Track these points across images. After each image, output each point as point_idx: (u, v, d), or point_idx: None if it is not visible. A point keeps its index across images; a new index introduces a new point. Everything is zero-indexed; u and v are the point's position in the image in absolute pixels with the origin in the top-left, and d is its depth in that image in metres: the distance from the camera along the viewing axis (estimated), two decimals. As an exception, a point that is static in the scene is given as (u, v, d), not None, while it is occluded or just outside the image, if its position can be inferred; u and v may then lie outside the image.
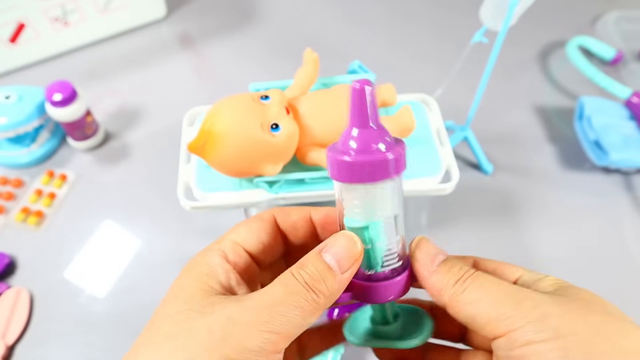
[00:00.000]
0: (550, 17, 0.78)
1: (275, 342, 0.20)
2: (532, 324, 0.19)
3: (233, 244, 0.24)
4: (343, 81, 0.46)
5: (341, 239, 0.22)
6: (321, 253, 0.22)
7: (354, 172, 0.22)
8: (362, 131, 0.22)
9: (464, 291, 0.22)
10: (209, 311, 0.20)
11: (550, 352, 0.19)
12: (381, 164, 0.22)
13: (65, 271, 0.53)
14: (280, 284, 0.21)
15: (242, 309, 0.20)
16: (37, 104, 0.59)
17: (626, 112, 0.61)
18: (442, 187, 0.42)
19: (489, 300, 0.21)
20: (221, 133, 0.37)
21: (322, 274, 0.21)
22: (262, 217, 0.26)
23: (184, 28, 0.79)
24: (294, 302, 0.20)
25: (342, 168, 0.22)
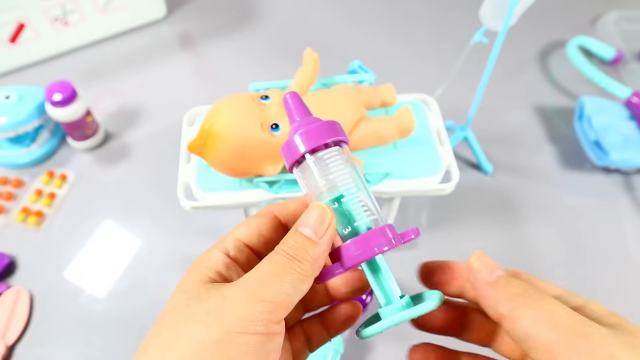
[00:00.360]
0: (550, 17, 0.78)
1: (270, 311, 0.21)
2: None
3: (234, 240, 0.26)
4: (343, 81, 0.46)
5: (312, 211, 0.24)
6: (298, 229, 0.24)
7: (296, 147, 0.26)
8: (294, 123, 0.27)
9: (525, 306, 0.21)
10: (205, 296, 0.22)
11: None
12: (320, 133, 0.26)
13: (65, 271, 0.53)
14: (267, 262, 0.23)
15: (235, 287, 0.22)
16: (37, 104, 0.59)
17: (626, 112, 0.61)
18: (442, 187, 0.42)
19: (552, 323, 0.20)
20: (221, 133, 0.37)
21: (302, 243, 0.23)
22: (261, 213, 0.27)
23: (184, 28, 0.79)
24: (281, 272, 0.22)
25: (289, 148, 0.26)
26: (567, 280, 0.51)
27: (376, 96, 0.45)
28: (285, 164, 0.28)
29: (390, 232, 0.26)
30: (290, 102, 0.28)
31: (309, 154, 0.26)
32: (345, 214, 0.26)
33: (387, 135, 0.42)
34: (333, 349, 0.44)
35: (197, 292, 0.23)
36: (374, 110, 0.46)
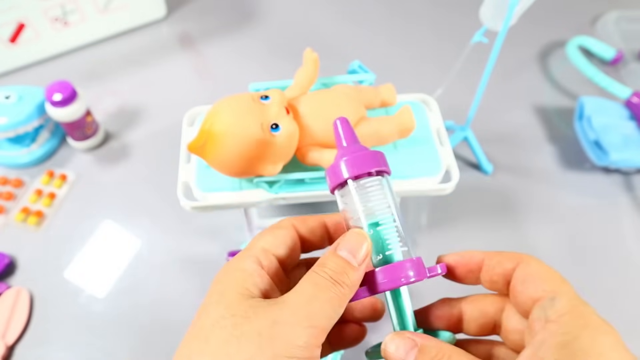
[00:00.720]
0: (550, 17, 0.78)
1: (317, 336, 0.22)
2: None
3: (263, 250, 0.26)
4: (343, 81, 0.46)
5: (351, 235, 0.25)
6: (336, 251, 0.24)
7: (340, 172, 0.28)
8: (341, 149, 0.29)
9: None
10: (253, 315, 0.22)
11: None
12: (364, 161, 0.27)
13: (65, 271, 0.53)
14: (309, 283, 0.23)
15: (284, 310, 0.22)
16: (37, 104, 0.59)
17: (626, 112, 0.61)
18: (442, 187, 0.42)
19: None
20: (221, 133, 0.37)
21: (342, 267, 0.24)
22: (283, 225, 0.28)
23: (184, 28, 0.79)
24: (325, 296, 0.23)
25: (334, 172, 0.28)
26: (566, 281, 0.51)
27: (376, 96, 0.45)
28: (328, 186, 0.29)
29: (418, 265, 0.27)
30: (339, 127, 0.30)
31: (352, 180, 0.28)
32: (379, 241, 0.27)
33: (387, 135, 0.42)
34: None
35: (243, 310, 0.22)
36: (374, 110, 0.46)
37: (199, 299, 0.54)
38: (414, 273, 0.26)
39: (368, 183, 0.28)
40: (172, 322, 0.50)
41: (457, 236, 0.55)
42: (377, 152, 0.29)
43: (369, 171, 0.28)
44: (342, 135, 0.30)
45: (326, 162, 0.39)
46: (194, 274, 0.53)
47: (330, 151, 0.39)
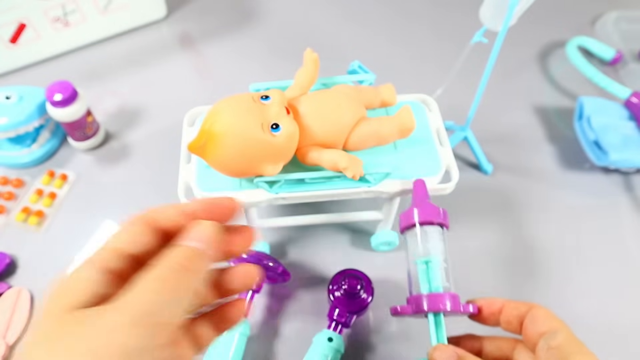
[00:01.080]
0: (550, 18, 0.78)
1: (162, 333, 0.20)
2: None
3: (113, 250, 0.24)
4: (343, 81, 0.47)
5: (194, 225, 0.25)
6: (181, 242, 0.24)
7: (412, 217, 0.39)
8: (420, 205, 0.40)
9: None
10: (79, 329, 0.20)
11: None
12: (430, 213, 0.39)
13: (66, 271, 0.53)
14: (148, 278, 0.22)
15: (115, 313, 0.20)
16: (38, 104, 0.59)
17: (625, 112, 0.61)
18: (442, 187, 0.43)
19: None
20: (221, 133, 0.37)
21: (189, 255, 0.23)
22: (139, 219, 0.26)
23: (184, 28, 0.79)
24: (168, 287, 0.21)
25: (407, 217, 0.39)
26: (565, 280, 0.51)
27: (376, 96, 0.45)
28: (400, 226, 0.40)
29: (455, 299, 0.36)
30: (417, 186, 0.41)
31: (420, 224, 0.38)
32: (429, 273, 0.37)
33: (387, 135, 0.42)
34: (333, 349, 0.44)
35: (67, 326, 0.20)
36: (374, 110, 0.46)
37: (200, 298, 0.54)
38: (451, 304, 0.35)
39: (430, 229, 0.38)
40: (172, 321, 0.50)
41: (456, 235, 0.55)
42: (441, 209, 0.39)
43: (432, 221, 0.38)
44: (418, 191, 0.41)
45: (326, 162, 0.39)
46: (194, 273, 0.53)
47: (330, 151, 0.39)
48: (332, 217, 0.53)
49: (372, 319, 0.49)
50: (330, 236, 0.55)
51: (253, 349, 0.48)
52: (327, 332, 0.45)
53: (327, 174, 0.40)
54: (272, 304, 0.51)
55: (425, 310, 0.35)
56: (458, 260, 0.53)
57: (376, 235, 0.52)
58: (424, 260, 0.37)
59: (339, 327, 0.46)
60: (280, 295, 0.51)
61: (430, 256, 0.37)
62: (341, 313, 0.46)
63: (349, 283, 0.47)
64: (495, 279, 0.52)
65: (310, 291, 0.51)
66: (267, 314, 0.50)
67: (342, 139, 0.41)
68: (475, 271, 0.52)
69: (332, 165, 0.39)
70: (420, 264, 0.37)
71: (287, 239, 0.55)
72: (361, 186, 0.42)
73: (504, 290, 0.51)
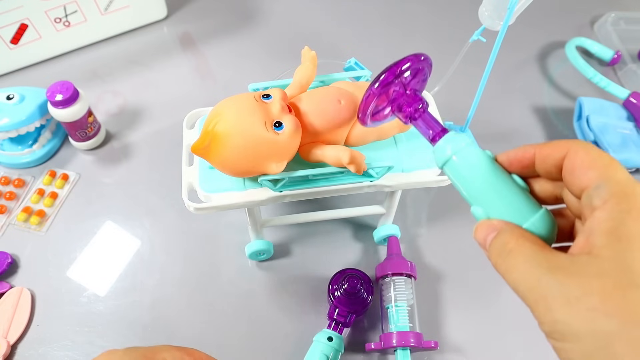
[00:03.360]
0: (549, 18, 0.78)
1: None
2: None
3: None
4: (340, 78, 0.47)
5: None
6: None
7: (385, 269, 0.49)
8: (391, 255, 0.52)
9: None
10: None
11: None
12: (400, 266, 0.48)
13: (67, 271, 0.53)
14: None
15: None
16: (39, 104, 0.59)
17: (624, 112, 0.62)
18: (441, 179, 0.43)
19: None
20: (225, 133, 0.37)
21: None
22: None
23: (185, 29, 0.80)
24: None
25: (382, 268, 0.49)
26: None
27: None
28: (375, 276, 0.50)
29: (418, 337, 0.45)
30: (391, 242, 0.51)
31: (390, 276, 0.48)
32: (397, 315, 0.46)
33: (387, 130, 0.42)
34: (333, 349, 0.45)
35: None
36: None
37: (199, 298, 0.54)
38: (414, 341, 0.44)
39: (397, 280, 0.48)
40: (172, 321, 0.50)
41: (457, 233, 0.55)
42: (409, 262, 0.48)
43: (401, 273, 0.48)
44: (392, 246, 0.51)
45: (329, 158, 0.39)
46: (194, 273, 0.53)
47: (333, 147, 0.40)
48: (334, 213, 0.53)
49: (372, 319, 0.50)
50: (332, 233, 0.55)
51: (253, 348, 0.48)
52: (327, 332, 0.46)
53: (331, 170, 0.40)
54: (272, 303, 0.51)
55: (394, 346, 0.44)
56: (458, 259, 0.54)
57: (378, 230, 0.53)
58: (395, 304, 0.46)
59: (339, 326, 0.46)
60: (282, 294, 0.52)
61: (398, 301, 0.46)
62: (341, 313, 0.46)
63: (349, 283, 0.47)
64: (495, 275, 0.52)
65: (311, 291, 0.51)
66: (268, 314, 0.50)
67: (344, 135, 0.41)
68: (475, 269, 0.53)
69: (336, 161, 0.39)
70: (391, 307, 0.46)
71: (289, 237, 0.55)
72: (364, 181, 0.42)
73: (503, 286, 0.51)
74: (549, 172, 0.26)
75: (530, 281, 0.22)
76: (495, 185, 0.27)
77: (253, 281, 0.53)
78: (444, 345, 0.48)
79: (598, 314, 0.19)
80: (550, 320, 0.21)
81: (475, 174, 0.27)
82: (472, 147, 0.28)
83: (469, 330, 0.49)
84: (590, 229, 0.22)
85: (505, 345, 0.48)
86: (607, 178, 0.22)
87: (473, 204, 0.28)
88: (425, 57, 0.32)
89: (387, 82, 0.31)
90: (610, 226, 0.21)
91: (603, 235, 0.21)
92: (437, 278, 0.52)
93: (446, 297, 0.51)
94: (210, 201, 0.42)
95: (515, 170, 0.27)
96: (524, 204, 0.26)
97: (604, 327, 0.19)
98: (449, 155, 0.28)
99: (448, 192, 0.45)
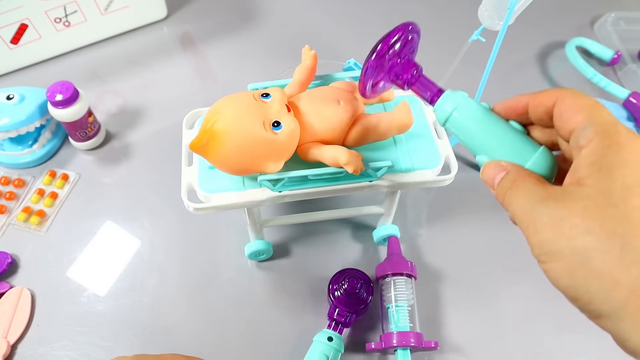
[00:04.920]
0: (549, 18, 0.78)
1: None
2: None
3: None
4: (340, 78, 0.47)
5: None
6: None
7: (385, 269, 0.49)
8: (392, 255, 0.51)
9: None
10: None
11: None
12: (400, 266, 0.48)
13: (67, 271, 0.53)
14: None
15: None
16: (39, 104, 0.59)
17: (624, 112, 0.62)
18: (441, 179, 0.43)
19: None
20: (223, 132, 0.37)
21: None
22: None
23: (185, 29, 0.80)
24: None
25: (382, 268, 0.49)
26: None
27: None
28: (375, 276, 0.49)
29: (419, 337, 0.44)
30: (391, 242, 0.51)
31: (390, 276, 0.48)
32: (397, 315, 0.46)
33: (386, 131, 0.42)
34: (333, 349, 0.45)
35: None
36: (372, 105, 0.47)
37: (199, 298, 0.54)
38: (414, 341, 0.44)
39: (398, 279, 0.47)
40: (172, 321, 0.50)
41: (457, 233, 0.55)
42: (409, 262, 0.48)
43: (401, 272, 0.47)
44: (392, 246, 0.50)
45: (327, 158, 0.39)
46: (194, 273, 0.53)
47: (331, 147, 0.40)
48: (334, 213, 0.53)
49: (372, 319, 0.50)
50: (332, 233, 0.55)
51: (253, 348, 0.48)
52: (327, 332, 0.46)
53: (330, 170, 0.40)
54: (272, 303, 0.51)
55: (395, 346, 0.44)
56: (458, 259, 0.54)
57: (378, 230, 0.53)
58: (395, 304, 0.46)
59: (339, 326, 0.46)
60: (281, 294, 0.52)
61: (398, 301, 0.46)
62: (341, 313, 0.46)
63: (349, 283, 0.47)
64: (494, 275, 0.52)
65: (311, 291, 0.51)
66: (268, 314, 0.50)
67: (342, 135, 0.41)
68: (475, 268, 0.53)
69: (333, 161, 0.39)
70: (392, 307, 0.46)
71: (289, 237, 0.55)
72: (364, 181, 0.42)
73: (503, 286, 0.51)
74: (541, 119, 0.28)
75: (525, 208, 0.25)
76: (495, 133, 0.29)
77: (253, 281, 0.53)
78: (444, 345, 0.48)
79: (579, 231, 0.22)
80: (538, 241, 0.24)
81: (476, 125, 0.29)
82: (470, 101, 0.30)
83: (469, 330, 0.49)
84: (577, 164, 0.24)
85: (505, 345, 0.48)
86: (592, 120, 0.24)
87: (477, 154, 0.29)
88: (413, 25, 0.34)
89: (382, 53, 0.33)
90: (593, 160, 0.23)
91: (587, 167, 0.23)
92: (437, 278, 0.52)
93: (446, 297, 0.51)
94: (209, 201, 0.42)
95: (510, 118, 0.29)
96: (523, 146, 0.28)
97: (584, 243, 0.22)
98: (449, 111, 0.30)
99: (448, 192, 0.45)
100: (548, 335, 0.49)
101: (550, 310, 0.49)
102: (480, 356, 0.48)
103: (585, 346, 0.48)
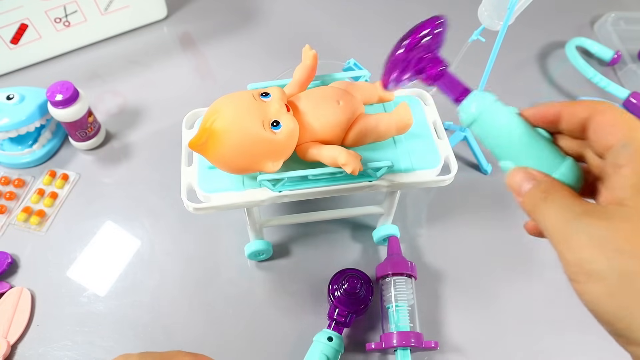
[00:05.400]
0: (549, 18, 0.78)
1: None
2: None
3: None
4: (340, 78, 0.47)
5: None
6: None
7: (385, 268, 0.49)
8: (392, 254, 0.51)
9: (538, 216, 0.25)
10: None
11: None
12: (400, 266, 0.48)
13: (67, 270, 0.53)
14: None
15: None
16: (39, 104, 0.59)
17: (624, 112, 0.62)
18: (441, 179, 0.43)
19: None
20: (222, 131, 0.37)
21: None
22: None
23: (185, 29, 0.80)
24: None
25: (382, 267, 0.49)
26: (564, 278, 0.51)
27: (373, 92, 0.45)
28: (375, 276, 0.49)
29: (419, 337, 0.44)
30: (391, 242, 0.51)
31: (390, 275, 0.48)
32: (397, 315, 0.46)
33: (386, 132, 0.42)
34: (333, 349, 0.45)
35: None
36: (371, 106, 0.47)
37: (199, 298, 0.54)
38: (414, 341, 0.44)
39: (398, 279, 0.47)
40: (172, 321, 0.50)
41: (457, 233, 0.55)
42: (410, 262, 0.48)
43: (401, 272, 0.47)
44: (392, 245, 0.50)
45: (325, 158, 0.39)
46: (194, 273, 0.53)
47: (329, 147, 0.40)
48: (333, 213, 0.53)
49: (372, 319, 0.50)
50: (332, 233, 0.55)
51: (253, 348, 0.48)
52: (327, 332, 0.46)
53: (330, 170, 0.40)
54: (272, 303, 0.51)
55: (395, 346, 0.44)
56: (458, 259, 0.54)
57: (378, 230, 0.53)
58: (395, 304, 0.46)
59: (339, 326, 0.46)
60: (281, 294, 0.52)
61: (399, 301, 0.46)
62: (341, 313, 0.46)
63: (349, 283, 0.47)
64: (494, 275, 0.52)
65: (311, 291, 0.51)
66: (267, 313, 0.50)
67: (341, 135, 0.41)
68: (475, 268, 0.53)
69: (332, 161, 0.39)
70: (392, 306, 0.46)
71: (288, 237, 0.55)
72: (364, 181, 0.42)
73: (503, 286, 0.51)
74: (572, 130, 0.27)
75: (559, 223, 0.23)
76: (523, 139, 0.28)
77: (252, 281, 0.53)
78: (444, 345, 0.48)
79: (623, 254, 0.21)
80: (576, 259, 0.22)
81: (503, 130, 0.28)
82: (498, 104, 0.29)
83: (469, 330, 0.49)
84: (615, 183, 0.23)
85: (505, 345, 0.48)
86: (632, 138, 0.23)
87: (502, 159, 0.28)
88: (442, 19, 0.33)
89: (411, 47, 0.32)
90: (635, 182, 0.22)
91: (629, 189, 0.22)
92: (437, 278, 0.52)
93: (446, 297, 0.51)
94: (209, 201, 0.42)
95: (538, 125, 0.29)
96: (551, 155, 0.27)
97: (630, 267, 0.21)
98: (474, 113, 0.29)
99: (448, 192, 0.45)
100: (548, 335, 0.49)
101: (550, 310, 0.49)
102: (480, 356, 0.48)
103: (585, 346, 0.48)
